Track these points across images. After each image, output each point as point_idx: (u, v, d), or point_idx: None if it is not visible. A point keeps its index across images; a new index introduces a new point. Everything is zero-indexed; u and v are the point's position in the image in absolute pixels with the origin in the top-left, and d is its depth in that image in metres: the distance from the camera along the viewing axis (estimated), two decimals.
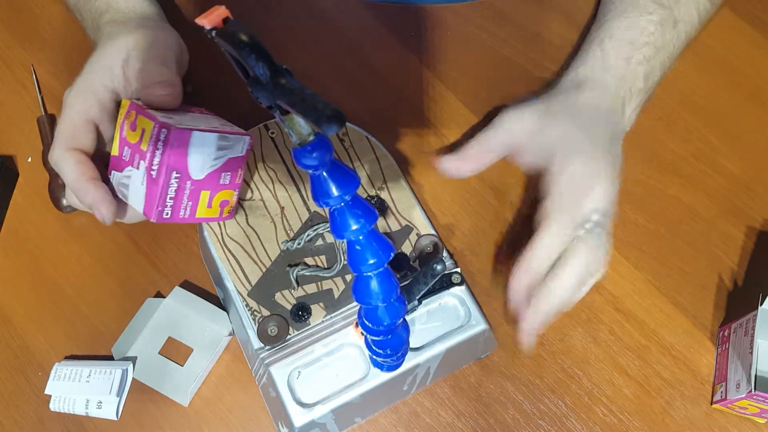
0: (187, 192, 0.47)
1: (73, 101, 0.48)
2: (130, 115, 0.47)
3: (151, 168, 0.45)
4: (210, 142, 0.47)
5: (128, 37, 0.50)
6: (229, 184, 0.49)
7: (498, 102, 0.62)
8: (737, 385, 0.48)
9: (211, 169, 0.48)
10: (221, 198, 0.50)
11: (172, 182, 0.46)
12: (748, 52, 0.64)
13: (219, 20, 0.31)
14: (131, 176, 0.47)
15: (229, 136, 0.48)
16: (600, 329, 0.54)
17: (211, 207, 0.49)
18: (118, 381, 0.51)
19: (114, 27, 0.52)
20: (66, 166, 0.47)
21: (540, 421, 0.51)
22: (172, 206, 0.46)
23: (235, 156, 0.49)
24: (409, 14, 0.66)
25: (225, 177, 0.49)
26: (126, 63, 0.49)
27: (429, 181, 0.59)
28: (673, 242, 0.57)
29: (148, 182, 0.46)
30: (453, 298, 0.51)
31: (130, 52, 0.49)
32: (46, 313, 0.55)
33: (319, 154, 0.33)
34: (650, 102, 0.62)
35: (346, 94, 0.63)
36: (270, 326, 0.49)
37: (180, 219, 0.48)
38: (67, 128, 0.48)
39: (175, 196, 0.46)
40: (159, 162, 0.45)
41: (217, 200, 0.49)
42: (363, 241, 0.37)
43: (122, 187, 0.48)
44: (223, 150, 0.48)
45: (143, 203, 0.46)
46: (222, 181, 0.49)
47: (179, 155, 0.45)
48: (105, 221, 0.47)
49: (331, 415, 0.48)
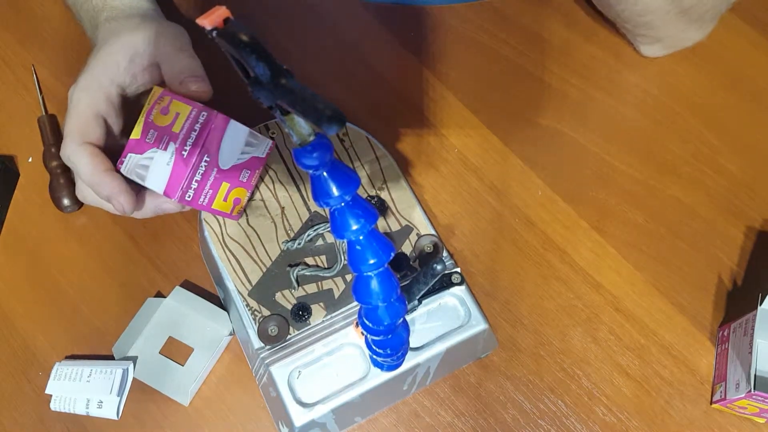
0: (211, 180, 0.48)
1: (80, 96, 0.48)
2: (163, 100, 0.48)
3: (183, 149, 0.46)
4: (241, 135, 0.49)
5: (135, 33, 0.50)
6: (245, 183, 0.51)
7: (498, 102, 0.62)
8: (737, 384, 0.48)
9: (237, 162, 0.49)
10: (236, 195, 0.51)
11: (201, 165, 0.47)
12: (747, 52, 0.64)
13: (219, 20, 0.31)
14: (154, 157, 0.47)
15: (258, 135, 0.50)
16: (600, 329, 0.54)
17: (226, 201, 0.50)
18: (119, 381, 0.51)
19: (115, 24, 0.52)
20: (80, 160, 0.47)
21: (540, 420, 0.51)
22: (196, 189, 0.48)
23: (257, 156, 0.51)
24: (409, 14, 0.66)
25: (244, 174, 0.50)
26: (132, 60, 0.49)
27: (429, 181, 0.59)
28: (673, 242, 0.57)
29: (176, 162, 0.47)
30: (453, 298, 0.51)
31: (138, 48, 0.50)
32: (47, 312, 0.55)
33: (319, 154, 0.33)
34: (650, 102, 0.62)
35: (346, 94, 0.63)
36: (270, 326, 0.50)
37: (198, 205, 0.49)
38: (77, 123, 0.48)
39: (201, 180, 0.48)
40: (193, 143, 0.47)
41: (233, 196, 0.51)
42: (363, 241, 0.37)
43: (140, 169, 0.48)
44: (250, 147, 0.50)
45: (166, 183, 0.47)
46: (241, 177, 0.50)
47: (214, 140, 0.47)
48: (125, 211, 0.47)
49: (331, 414, 0.48)
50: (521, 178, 0.59)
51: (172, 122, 0.47)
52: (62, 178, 0.58)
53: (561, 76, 0.63)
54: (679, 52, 0.63)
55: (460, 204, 0.58)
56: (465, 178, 0.59)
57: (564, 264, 0.56)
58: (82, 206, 0.58)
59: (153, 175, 0.47)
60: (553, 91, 0.63)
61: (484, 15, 0.66)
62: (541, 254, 0.56)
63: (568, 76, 0.63)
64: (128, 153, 0.48)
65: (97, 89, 0.49)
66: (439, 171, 0.59)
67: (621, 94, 0.63)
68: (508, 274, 0.56)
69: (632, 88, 0.63)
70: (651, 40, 0.61)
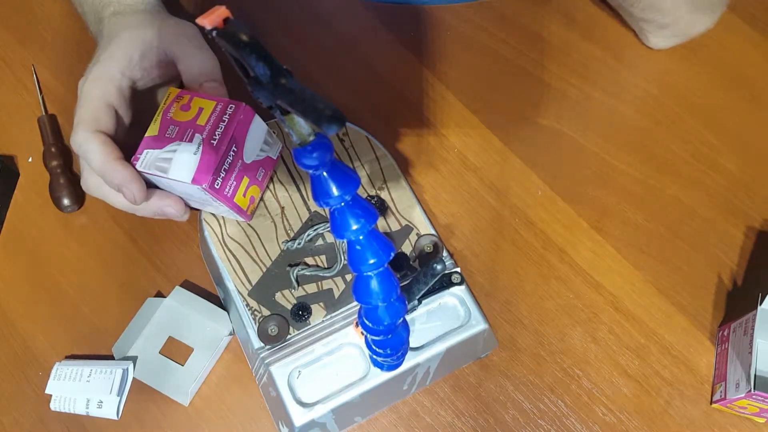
0: (236, 171, 0.49)
1: (91, 86, 0.48)
2: (183, 98, 0.49)
3: (212, 138, 0.47)
4: (262, 131, 0.50)
5: (148, 29, 0.50)
6: (260, 181, 0.52)
7: (498, 102, 0.62)
8: (737, 384, 0.48)
9: (256, 158, 0.50)
10: (252, 192, 0.51)
11: (230, 154, 0.48)
12: (746, 52, 0.64)
13: (219, 20, 0.31)
14: (177, 149, 0.47)
15: (273, 135, 0.51)
16: (600, 329, 0.54)
17: (244, 197, 0.51)
18: (119, 380, 0.51)
19: (123, 18, 0.52)
20: (92, 148, 0.47)
21: (540, 420, 0.51)
22: (223, 178, 0.48)
23: (271, 157, 0.52)
24: (409, 14, 0.66)
25: (260, 173, 0.51)
26: (145, 55, 0.49)
27: (429, 181, 0.59)
28: (673, 242, 0.57)
29: (204, 151, 0.47)
30: (453, 297, 0.51)
31: (151, 43, 0.50)
32: (47, 312, 0.55)
33: (319, 154, 0.33)
34: (650, 102, 0.62)
35: (346, 94, 0.63)
36: (270, 326, 0.50)
37: (222, 196, 0.48)
38: (88, 112, 0.48)
39: (228, 170, 0.48)
40: (222, 132, 0.47)
41: (250, 193, 0.51)
42: (363, 240, 0.37)
43: (161, 162, 0.48)
44: (267, 145, 0.51)
45: (194, 172, 0.47)
46: (258, 175, 0.51)
47: (242, 130, 0.48)
48: (135, 200, 0.47)
49: (331, 414, 0.48)
50: (521, 178, 0.59)
51: (196, 116, 0.48)
52: (62, 178, 0.58)
53: (560, 75, 0.63)
54: (679, 51, 0.63)
55: (460, 204, 0.58)
56: (465, 177, 0.59)
57: (564, 264, 0.56)
58: (82, 206, 0.58)
59: (177, 166, 0.47)
60: (552, 90, 0.63)
61: (484, 15, 0.66)
62: (541, 254, 0.56)
63: (567, 76, 0.63)
64: (144, 149, 0.48)
65: (108, 80, 0.48)
66: (439, 171, 0.59)
67: (621, 93, 0.63)
68: (508, 274, 0.56)
69: (632, 88, 0.63)
70: (657, 27, 0.60)
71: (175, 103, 0.49)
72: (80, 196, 0.58)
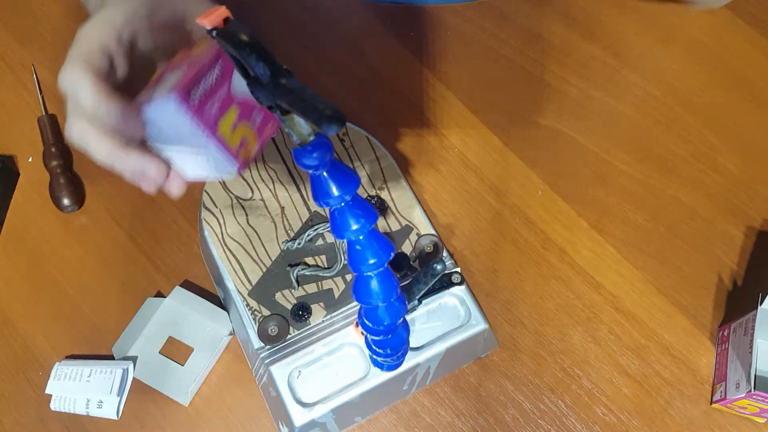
0: (221, 93, 0.44)
1: (89, 29, 0.45)
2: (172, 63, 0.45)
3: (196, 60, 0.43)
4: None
5: None
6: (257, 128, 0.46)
7: (498, 102, 0.62)
8: (737, 384, 0.48)
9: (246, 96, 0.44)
10: (244, 133, 0.45)
11: (214, 71, 0.43)
12: (746, 52, 0.64)
13: (219, 20, 0.31)
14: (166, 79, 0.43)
15: None
16: (600, 329, 0.54)
17: (233, 134, 0.45)
18: (119, 380, 0.51)
19: None
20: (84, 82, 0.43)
21: (540, 420, 0.51)
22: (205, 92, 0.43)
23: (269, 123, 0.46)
24: (409, 14, 0.66)
25: (257, 117, 0.46)
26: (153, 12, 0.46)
27: (429, 181, 0.59)
28: (673, 242, 0.57)
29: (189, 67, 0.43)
30: (453, 297, 0.51)
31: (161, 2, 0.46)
32: (47, 312, 0.55)
33: (319, 154, 0.33)
34: (649, 102, 0.62)
35: (346, 94, 0.63)
36: (270, 326, 0.50)
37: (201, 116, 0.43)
38: (82, 49, 0.44)
39: (211, 88, 0.43)
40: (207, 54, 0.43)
41: (241, 132, 0.45)
42: (363, 240, 0.37)
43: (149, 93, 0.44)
44: None
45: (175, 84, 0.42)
46: (253, 117, 0.45)
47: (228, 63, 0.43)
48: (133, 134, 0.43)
49: (331, 414, 0.48)
50: (521, 178, 0.59)
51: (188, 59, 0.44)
52: (62, 178, 0.58)
53: (561, 75, 0.63)
54: (679, 51, 0.63)
55: (460, 204, 0.58)
56: (465, 177, 0.59)
57: (564, 263, 0.56)
58: (83, 206, 0.58)
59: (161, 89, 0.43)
60: (552, 90, 0.63)
61: (484, 15, 0.66)
62: (541, 254, 0.56)
63: (567, 76, 0.63)
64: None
65: (109, 26, 0.45)
66: (439, 171, 0.59)
67: (621, 93, 0.63)
68: (508, 274, 0.56)
69: (632, 87, 0.63)
70: None
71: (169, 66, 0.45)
72: (80, 196, 0.58)
